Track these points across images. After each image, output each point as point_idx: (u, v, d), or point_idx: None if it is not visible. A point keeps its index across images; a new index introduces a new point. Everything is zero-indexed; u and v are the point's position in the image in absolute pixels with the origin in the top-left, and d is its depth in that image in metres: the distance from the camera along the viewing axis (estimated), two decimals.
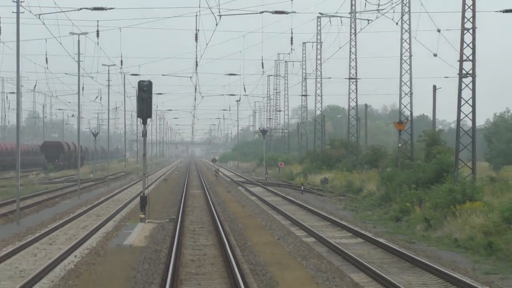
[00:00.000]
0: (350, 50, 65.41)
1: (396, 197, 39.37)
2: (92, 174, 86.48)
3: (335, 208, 43.79)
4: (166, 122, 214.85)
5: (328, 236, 28.82)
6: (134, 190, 59.48)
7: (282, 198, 51.29)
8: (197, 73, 64.56)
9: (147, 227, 32.51)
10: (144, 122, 34.75)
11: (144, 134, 35.58)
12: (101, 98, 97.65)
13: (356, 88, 67.09)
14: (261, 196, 52.51)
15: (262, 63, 66.01)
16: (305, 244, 27.10)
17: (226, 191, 60.51)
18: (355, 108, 68.31)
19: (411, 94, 51.77)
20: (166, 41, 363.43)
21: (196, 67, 60.14)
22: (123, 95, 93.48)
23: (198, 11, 44.77)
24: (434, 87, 52.58)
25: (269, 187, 63.80)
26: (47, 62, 56.43)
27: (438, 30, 44.37)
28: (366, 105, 78.08)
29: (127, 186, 66.62)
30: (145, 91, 34.09)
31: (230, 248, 24.24)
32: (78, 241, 27.01)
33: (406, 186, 38.27)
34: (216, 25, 43.84)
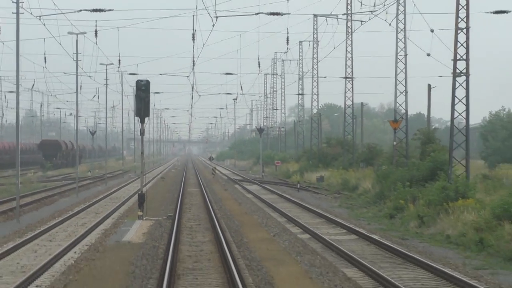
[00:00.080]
0: (346, 49, 65.88)
1: (391, 195, 39.74)
2: (90, 173, 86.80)
3: (331, 206, 44.23)
4: (164, 121, 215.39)
5: (323, 233, 29.27)
6: (132, 188, 59.85)
7: (279, 196, 51.63)
8: (194, 72, 65.09)
9: (145, 224, 32.95)
10: (142, 121, 35.08)
11: (142, 133, 36.04)
12: (99, 97, 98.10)
13: (352, 87, 67.55)
14: (258, 194, 52.90)
15: (259, 62, 66.49)
16: (300, 241, 27.57)
17: (223, 189, 60.83)
18: (351, 107, 68.77)
19: (406, 93, 52.32)
20: (164, 41, 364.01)
21: (193, 67, 60.67)
22: (121, 94, 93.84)
23: (195, 12, 45.27)
24: (429, 86, 53.04)
25: (266, 185, 64.12)
26: (46, 62, 56.92)
27: (432, 30, 44.93)
28: (362, 104, 78.41)
29: (125, 184, 66.96)
30: (143, 91, 34.48)
31: (227, 244, 24.70)
32: (78, 238, 27.44)
33: (400, 184, 38.70)
34: (213, 26, 44.44)
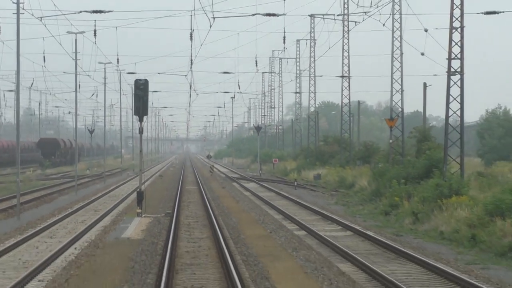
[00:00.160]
0: (343, 48, 66.32)
1: (386, 192, 40.19)
2: (89, 171, 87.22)
3: (327, 203, 44.67)
4: (162, 119, 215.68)
5: (319, 229, 29.72)
6: (130, 186, 60.22)
7: (276, 194, 51.99)
8: (192, 71, 65.44)
9: (144, 221, 33.36)
10: (141, 120, 35.48)
11: (141, 131, 36.49)
12: (97, 96, 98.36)
13: (349, 86, 67.98)
14: (255, 192, 53.29)
15: (256, 61, 66.89)
16: (296, 237, 28.03)
17: (221, 187, 61.21)
18: (348, 105, 69.20)
19: (402, 91, 52.72)
20: (162, 41, 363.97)
21: (191, 66, 61.06)
22: (119, 93, 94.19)
23: (193, 13, 45.75)
24: (425, 84, 53.55)
25: (263, 183, 64.47)
26: (45, 61, 57.36)
27: (426, 30, 45.41)
28: (359, 102, 79.01)
29: (123, 182, 67.34)
30: (142, 89, 34.85)
31: (224, 241, 25.15)
32: (78, 235, 27.91)
33: (396, 182, 39.18)
34: (210, 27, 45.00)
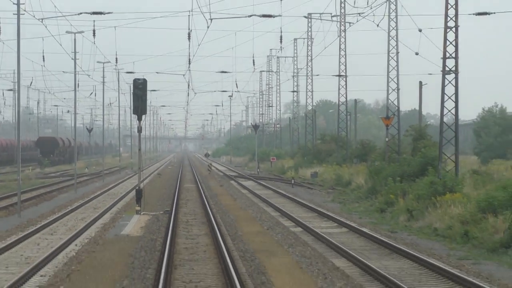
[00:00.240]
0: (340, 48, 66.72)
1: (382, 190, 40.67)
2: (87, 169, 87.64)
3: (324, 201, 45.14)
4: (160, 118, 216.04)
5: (315, 226, 30.21)
6: (129, 184, 60.58)
7: (273, 192, 52.41)
8: (190, 71, 65.92)
9: (143, 219, 33.82)
10: (139, 118, 35.95)
11: (139, 130, 36.97)
12: (96, 94, 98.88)
13: (346, 84, 68.45)
14: (253, 190, 53.70)
15: (253, 60, 67.44)
16: (292, 234, 28.51)
17: (219, 185, 61.57)
18: (345, 104, 69.65)
19: (398, 90, 53.25)
20: (160, 40, 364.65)
21: (189, 65, 61.54)
22: (117, 92, 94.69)
23: (191, 14, 46.26)
24: (420, 83, 53.93)
25: (261, 181, 64.85)
26: (44, 60, 57.81)
27: (420, 30, 45.90)
28: (356, 101, 79.45)
29: (122, 181, 67.70)
30: (140, 89, 35.30)
31: (222, 237, 25.65)
32: (78, 232, 28.37)
33: (391, 179, 39.67)
34: (208, 27, 45.51)
